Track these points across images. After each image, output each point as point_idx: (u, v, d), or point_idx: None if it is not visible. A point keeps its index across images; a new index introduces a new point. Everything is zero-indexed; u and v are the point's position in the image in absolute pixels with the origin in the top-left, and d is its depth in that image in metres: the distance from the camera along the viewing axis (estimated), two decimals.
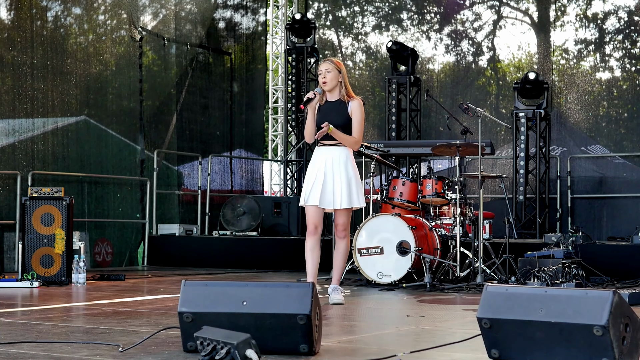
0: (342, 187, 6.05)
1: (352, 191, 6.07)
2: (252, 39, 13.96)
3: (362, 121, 6.13)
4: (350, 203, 6.08)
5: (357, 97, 6.18)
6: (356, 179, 6.13)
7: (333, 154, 6.10)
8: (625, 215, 11.21)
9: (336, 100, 6.15)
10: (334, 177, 6.06)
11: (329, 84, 6.11)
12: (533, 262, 7.50)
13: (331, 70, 6.10)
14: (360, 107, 6.12)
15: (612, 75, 12.37)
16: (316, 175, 6.10)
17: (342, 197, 6.05)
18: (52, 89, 10.36)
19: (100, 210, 10.84)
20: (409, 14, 13.96)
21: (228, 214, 11.27)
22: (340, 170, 6.07)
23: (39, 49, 10.16)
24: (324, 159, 6.11)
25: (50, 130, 10.36)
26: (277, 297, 3.61)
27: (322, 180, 6.06)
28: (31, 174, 9.55)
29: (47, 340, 4.08)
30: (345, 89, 6.13)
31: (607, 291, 3.23)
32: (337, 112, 6.10)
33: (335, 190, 6.05)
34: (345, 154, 6.10)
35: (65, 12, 11.02)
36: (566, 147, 11.96)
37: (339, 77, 6.12)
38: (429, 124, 12.85)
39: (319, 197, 6.06)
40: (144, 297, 6.81)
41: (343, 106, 6.11)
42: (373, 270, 7.82)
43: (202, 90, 12.82)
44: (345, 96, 6.13)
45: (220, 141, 13.05)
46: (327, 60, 6.17)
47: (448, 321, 5.32)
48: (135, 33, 11.34)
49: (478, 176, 7.84)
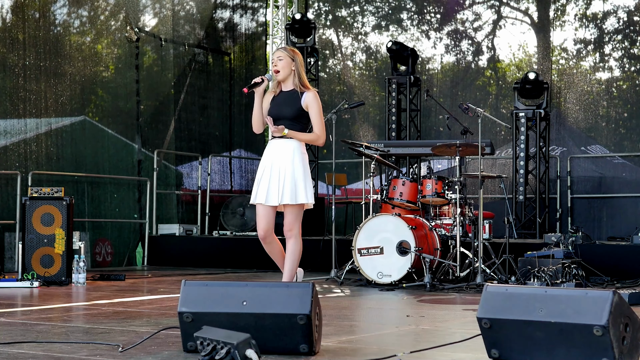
0: (286, 182, 5.69)
1: (297, 186, 5.70)
2: (252, 39, 13.96)
3: (321, 113, 5.83)
4: (295, 199, 5.69)
5: (312, 89, 5.88)
6: (304, 173, 5.76)
7: (280, 147, 5.78)
8: (625, 215, 11.21)
9: (290, 90, 5.88)
10: (280, 172, 5.72)
11: (282, 73, 5.83)
12: (533, 262, 7.50)
13: (283, 58, 5.83)
14: (316, 99, 5.81)
15: (612, 75, 12.37)
16: (263, 171, 5.79)
17: (285, 192, 5.69)
18: (51, 89, 10.35)
19: (99, 210, 10.84)
20: (409, 14, 13.96)
21: (228, 213, 11.28)
22: (286, 164, 5.72)
23: (32, 50, 10.16)
24: (272, 153, 5.81)
25: (49, 131, 10.36)
26: (277, 297, 3.61)
27: (269, 176, 5.74)
28: (31, 174, 9.55)
29: (47, 340, 4.08)
30: (299, 78, 5.83)
31: (607, 291, 3.23)
32: (289, 103, 5.82)
33: (279, 185, 5.70)
34: (292, 147, 5.76)
35: (67, 12, 11.01)
36: (566, 147, 11.96)
37: (292, 65, 5.82)
38: (429, 124, 12.85)
39: (265, 195, 5.72)
40: (144, 297, 6.81)
41: (296, 96, 5.83)
42: (373, 270, 7.82)
43: (202, 91, 12.82)
44: (299, 86, 5.84)
45: (220, 141, 13.05)
46: (281, 48, 5.91)
47: (448, 321, 5.32)
48: (132, 34, 11.33)
49: (478, 176, 7.85)
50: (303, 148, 5.85)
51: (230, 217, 11.25)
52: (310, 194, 5.76)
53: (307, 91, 5.84)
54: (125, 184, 11.23)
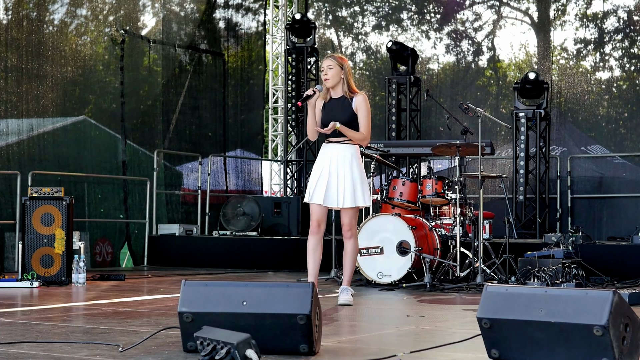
0: (346, 186, 5.99)
1: (356, 190, 6.00)
2: (252, 39, 13.96)
3: (369, 116, 6.09)
4: (354, 202, 6.01)
5: (361, 92, 6.15)
6: (361, 177, 6.05)
7: (339, 152, 6.05)
8: (625, 215, 11.21)
9: (340, 97, 6.12)
10: (339, 176, 6.01)
11: (331, 81, 6.08)
12: (533, 262, 7.49)
13: (332, 67, 6.07)
14: (365, 102, 6.08)
15: (612, 75, 12.37)
16: (321, 172, 6.06)
17: (346, 196, 5.99)
18: (50, 89, 10.35)
19: (98, 210, 10.84)
20: (409, 14, 13.96)
21: (228, 213, 11.27)
22: (345, 168, 6.01)
23: (33, 50, 10.17)
24: (329, 156, 6.07)
25: (48, 131, 10.37)
26: (277, 297, 3.61)
27: (327, 179, 6.02)
28: (31, 174, 9.55)
29: (47, 340, 4.08)
30: (347, 85, 6.09)
31: (607, 291, 3.23)
32: (341, 109, 6.06)
33: (339, 188, 6.00)
34: (350, 152, 6.05)
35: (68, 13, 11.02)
36: (566, 147, 11.96)
37: (341, 73, 6.08)
38: (429, 124, 12.85)
39: (323, 196, 6.00)
40: (144, 297, 6.81)
41: (347, 102, 6.08)
42: (373, 270, 7.82)
43: (201, 91, 12.82)
44: (347, 92, 6.09)
45: (220, 141, 13.04)
46: (330, 57, 6.13)
47: (448, 321, 5.32)
48: (117, 36, 11.33)
49: (478, 176, 7.84)
50: (359, 153, 6.14)
51: (231, 217, 11.25)
52: (367, 197, 6.09)
53: (357, 95, 6.12)
54: (110, 183, 11.20)
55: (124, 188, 11.23)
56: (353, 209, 6.06)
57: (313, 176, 6.11)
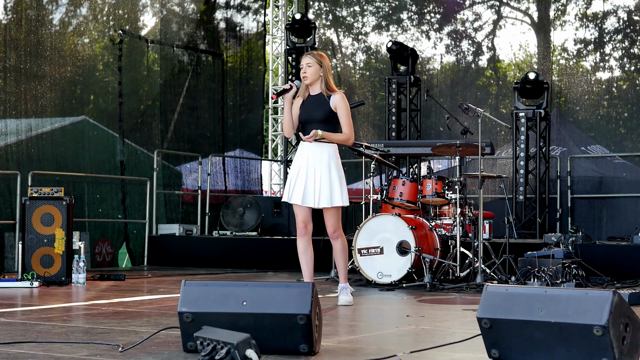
0: (323, 186, 5.96)
1: (334, 190, 5.98)
2: (252, 39, 13.96)
3: (349, 114, 6.07)
4: (331, 202, 5.98)
5: (339, 91, 6.12)
6: (339, 177, 6.02)
7: (315, 151, 6.02)
8: (625, 215, 11.21)
9: (317, 94, 6.09)
10: (315, 176, 5.98)
11: (310, 78, 6.04)
12: (533, 262, 7.49)
13: (312, 65, 6.03)
14: (344, 101, 6.06)
15: (612, 75, 12.36)
16: (298, 171, 6.03)
17: (322, 196, 5.96)
18: (49, 89, 10.35)
19: (96, 210, 10.84)
20: (409, 14, 13.96)
21: (228, 213, 11.27)
22: (322, 168, 5.98)
23: (32, 50, 10.16)
24: (306, 155, 6.04)
25: (47, 131, 10.36)
26: (277, 297, 3.60)
27: (305, 178, 5.99)
28: (31, 174, 9.55)
29: (47, 340, 4.08)
30: (325, 83, 6.05)
31: (607, 291, 3.22)
32: (318, 106, 6.04)
33: (316, 188, 5.97)
34: (327, 152, 6.02)
35: (68, 13, 11.02)
36: (566, 147, 11.96)
37: (320, 71, 6.04)
38: (429, 124, 12.85)
39: (302, 196, 5.98)
40: (144, 297, 6.80)
41: (324, 100, 6.04)
42: (373, 270, 7.82)
43: (200, 91, 12.82)
44: (325, 90, 6.05)
45: (219, 141, 13.04)
46: (309, 54, 6.10)
47: (448, 321, 5.32)
48: (116, 36, 11.32)
49: (478, 176, 7.84)
50: (337, 152, 6.11)
51: (231, 217, 11.24)
52: (345, 197, 6.05)
53: (335, 93, 6.08)
54: (108, 183, 11.20)
55: (122, 188, 11.23)
56: (334, 209, 6.04)
57: (290, 176, 6.10)
